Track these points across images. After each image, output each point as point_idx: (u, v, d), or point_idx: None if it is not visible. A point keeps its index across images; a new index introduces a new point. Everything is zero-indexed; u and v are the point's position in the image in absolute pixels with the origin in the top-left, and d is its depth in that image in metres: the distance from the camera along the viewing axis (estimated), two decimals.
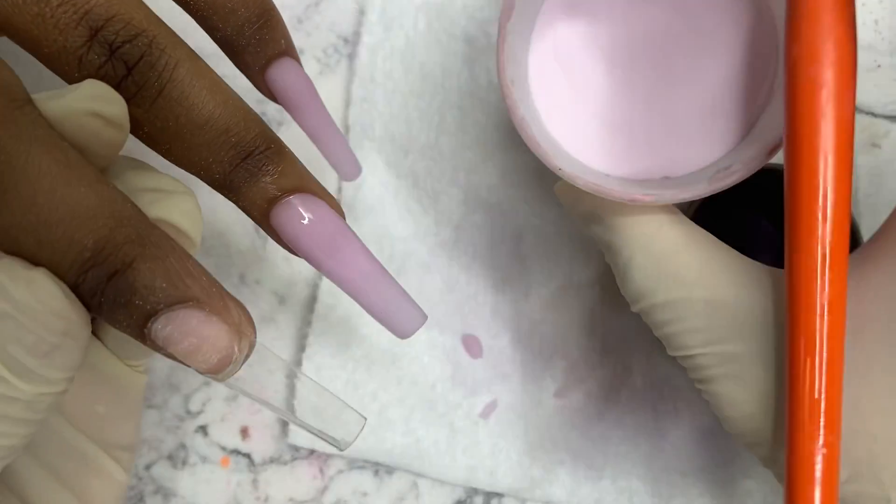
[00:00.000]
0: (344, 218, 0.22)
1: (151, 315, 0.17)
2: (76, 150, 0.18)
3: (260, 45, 0.22)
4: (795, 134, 0.18)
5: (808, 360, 0.18)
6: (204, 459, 0.32)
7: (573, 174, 0.22)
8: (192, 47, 0.20)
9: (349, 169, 0.26)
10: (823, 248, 0.18)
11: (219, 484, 0.32)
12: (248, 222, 0.33)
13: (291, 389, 0.23)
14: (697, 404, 0.31)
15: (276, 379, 0.23)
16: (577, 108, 0.26)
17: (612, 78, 0.26)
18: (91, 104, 0.18)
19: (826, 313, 0.18)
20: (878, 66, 0.32)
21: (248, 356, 0.19)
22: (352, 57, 0.33)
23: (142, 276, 0.17)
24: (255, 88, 0.24)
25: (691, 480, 0.31)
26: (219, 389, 0.32)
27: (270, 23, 0.23)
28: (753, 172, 0.21)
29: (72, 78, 0.18)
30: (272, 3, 0.23)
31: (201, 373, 0.18)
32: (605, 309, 0.32)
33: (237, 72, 0.24)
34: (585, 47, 0.26)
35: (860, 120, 0.32)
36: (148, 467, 0.32)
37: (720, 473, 0.31)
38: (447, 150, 0.32)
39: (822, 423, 0.18)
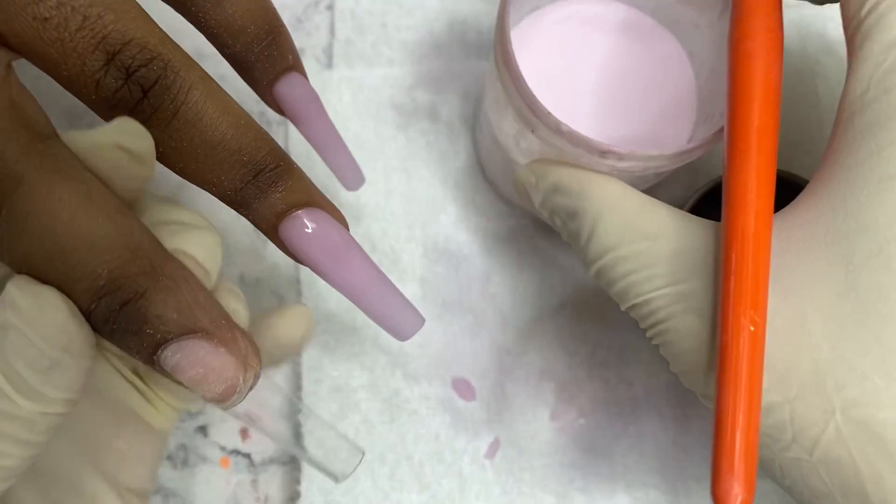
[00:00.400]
0: (348, 229, 0.22)
1: (161, 344, 0.18)
2: (101, 181, 0.19)
3: (268, 61, 0.23)
4: (735, 91, 0.22)
5: (736, 253, 0.21)
6: (204, 460, 0.32)
7: (559, 120, 0.23)
8: (190, 48, 0.21)
9: (353, 179, 0.27)
10: (759, 161, 0.21)
11: (219, 484, 0.32)
12: (248, 222, 0.33)
13: (292, 420, 0.23)
14: (704, 408, 0.32)
15: (278, 409, 0.24)
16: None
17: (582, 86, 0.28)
18: (117, 137, 0.19)
19: (754, 201, 0.21)
20: None
21: (252, 386, 0.20)
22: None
23: (154, 306, 0.18)
24: (253, 90, 0.25)
25: (706, 485, 0.31)
26: None
27: (278, 39, 0.23)
28: (710, 148, 0.24)
29: (89, 100, 0.18)
30: (280, 19, 0.24)
31: (207, 401, 0.19)
32: (579, 328, 0.33)
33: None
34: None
35: None
36: None
37: None
38: (399, 209, 0.33)
39: (748, 302, 0.20)
